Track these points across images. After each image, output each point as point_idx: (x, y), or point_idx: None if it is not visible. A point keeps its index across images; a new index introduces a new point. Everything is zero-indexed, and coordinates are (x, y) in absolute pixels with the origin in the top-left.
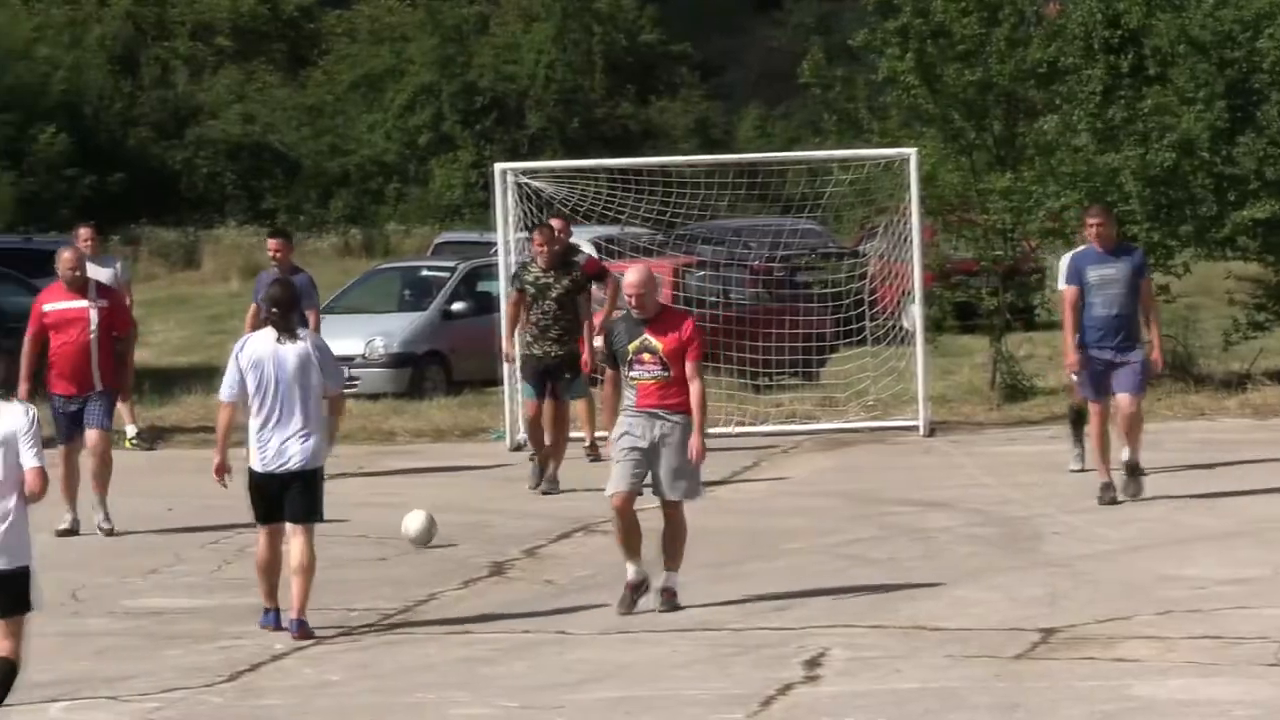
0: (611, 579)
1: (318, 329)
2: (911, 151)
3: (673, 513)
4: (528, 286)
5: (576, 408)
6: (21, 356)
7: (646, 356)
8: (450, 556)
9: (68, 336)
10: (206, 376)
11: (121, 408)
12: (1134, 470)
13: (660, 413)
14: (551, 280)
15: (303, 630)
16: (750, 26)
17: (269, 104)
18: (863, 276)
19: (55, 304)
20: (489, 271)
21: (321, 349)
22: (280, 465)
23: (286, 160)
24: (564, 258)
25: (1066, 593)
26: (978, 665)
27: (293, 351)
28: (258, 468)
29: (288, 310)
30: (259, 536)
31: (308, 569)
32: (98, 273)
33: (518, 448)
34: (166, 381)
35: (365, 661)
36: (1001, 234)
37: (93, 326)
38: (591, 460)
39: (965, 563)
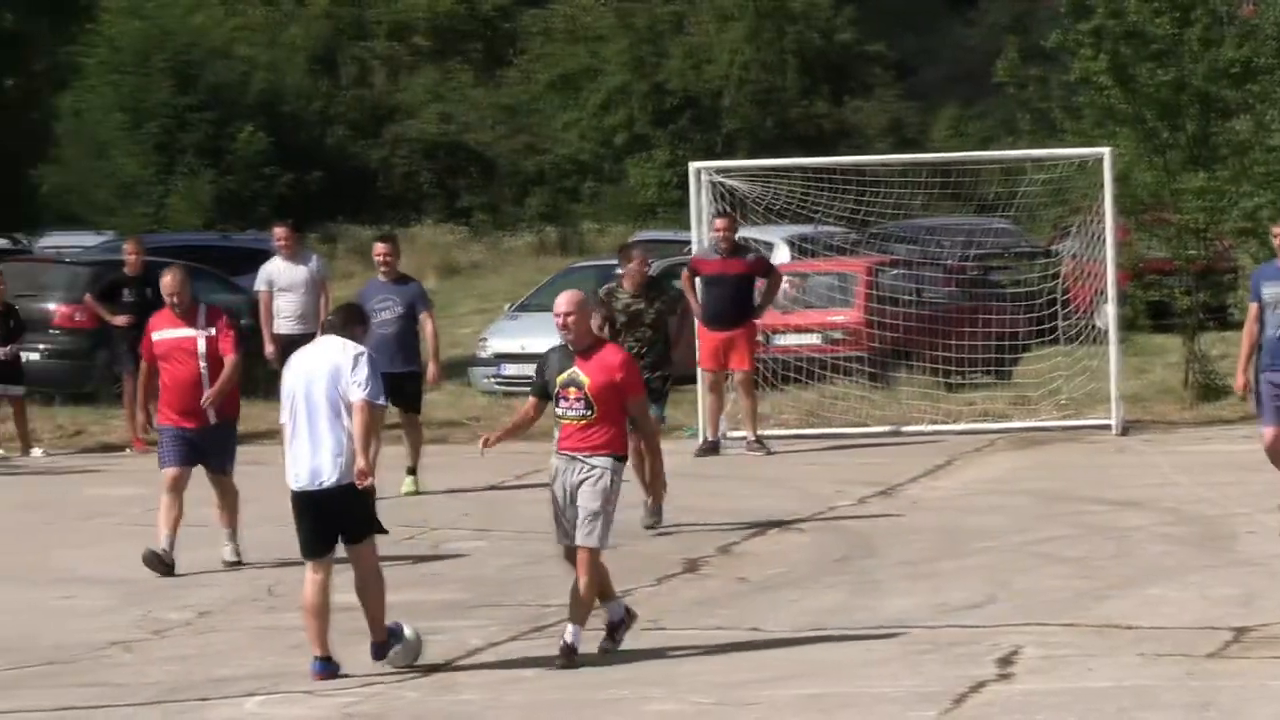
0: (804, 576)
1: (432, 337)
2: (1105, 151)
3: (581, 557)
4: (618, 315)
5: (745, 406)
6: (138, 385)
7: (571, 391)
8: (644, 553)
9: (177, 368)
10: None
11: None
12: None
13: (580, 455)
14: (643, 306)
15: (380, 652)
16: (945, 26)
17: (465, 103)
18: (1056, 276)
19: (164, 332)
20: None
21: (357, 358)
22: (316, 483)
23: (482, 159)
24: (651, 280)
25: (1261, 592)
26: (1170, 664)
27: (326, 364)
28: (293, 486)
29: (343, 326)
30: (305, 573)
31: (369, 588)
32: (294, 270)
33: (704, 451)
34: None
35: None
36: (1195, 233)
37: (201, 358)
38: (764, 454)
39: (1158, 561)
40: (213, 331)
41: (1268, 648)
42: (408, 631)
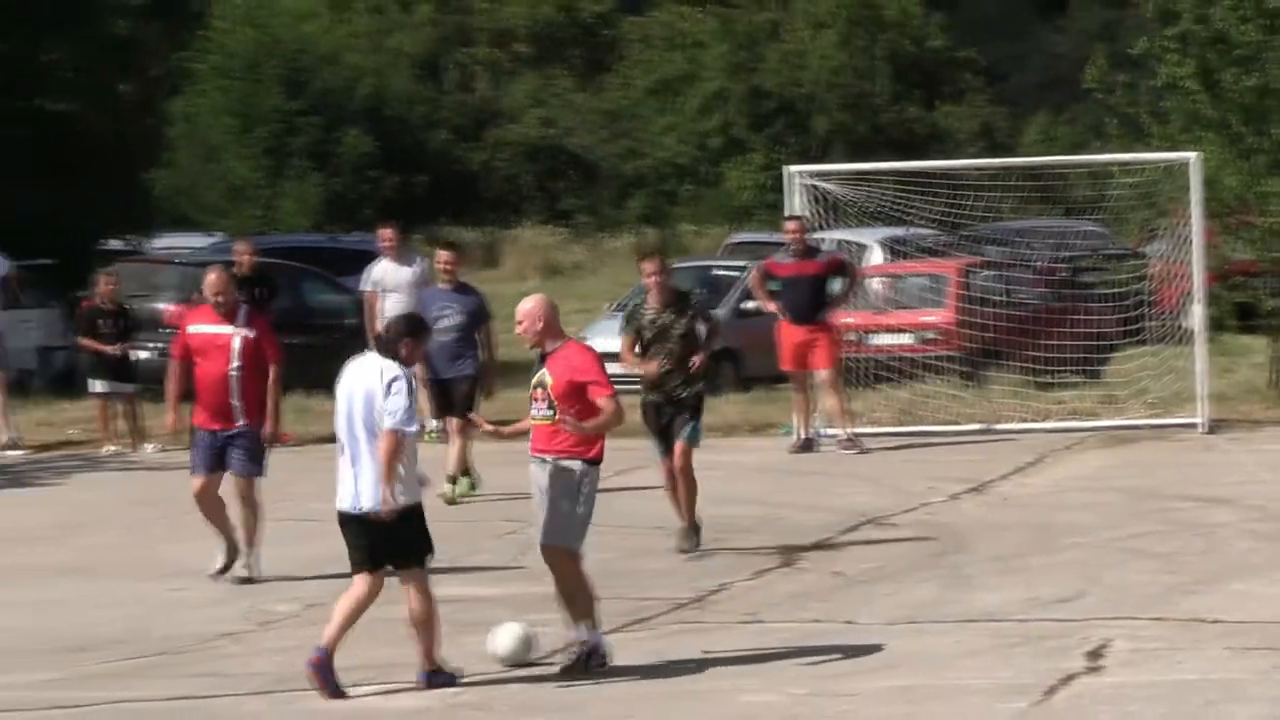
0: (898, 570)
1: (490, 347)
2: (1192, 155)
3: (549, 561)
4: (645, 330)
5: (828, 405)
6: (168, 379)
7: (539, 393)
8: (741, 548)
9: (209, 364)
10: (504, 372)
11: (423, 399)
12: None
13: (547, 458)
14: (671, 320)
15: (432, 681)
16: (1035, 33)
17: (566, 108)
18: (1144, 277)
19: (200, 326)
20: None
21: (392, 383)
22: (355, 507)
23: (583, 163)
24: (679, 293)
25: None
26: (1257, 657)
27: (363, 387)
28: (336, 505)
29: (389, 343)
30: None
31: (424, 619)
32: (399, 272)
33: (800, 448)
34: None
35: (659, 649)
36: None
37: (234, 356)
38: (857, 452)
39: (1245, 558)
40: (251, 333)
41: None
42: (513, 636)
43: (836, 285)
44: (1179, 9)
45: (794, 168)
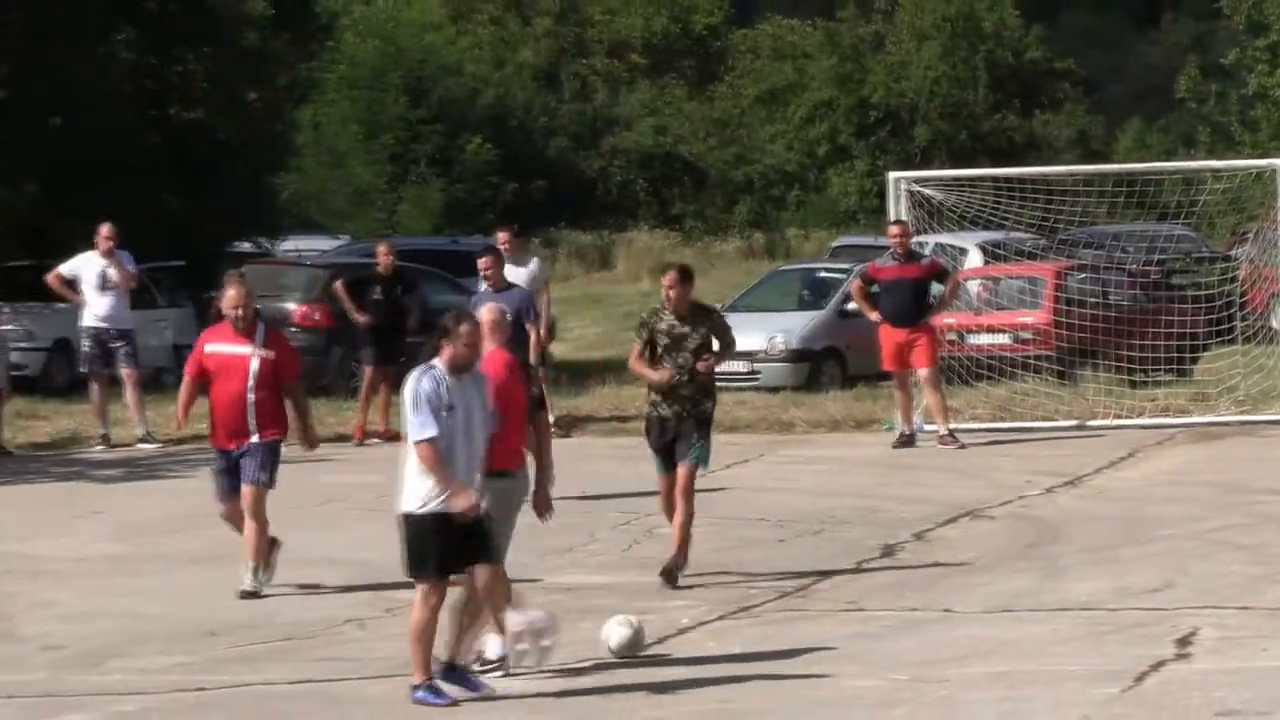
0: (994, 561)
1: (540, 345)
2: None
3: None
4: (660, 336)
5: (929, 402)
6: (181, 395)
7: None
8: (843, 539)
9: (225, 385)
10: (618, 370)
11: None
12: None
13: (491, 475)
14: (688, 330)
15: (447, 674)
16: (1130, 44)
17: (678, 116)
18: (1234, 279)
19: (217, 346)
20: None
21: (406, 392)
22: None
23: (694, 169)
24: (697, 305)
25: None
26: None
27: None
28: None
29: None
30: (429, 594)
31: (472, 605)
32: (516, 273)
33: (901, 443)
34: (580, 374)
35: (765, 635)
36: None
37: (251, 377)
38: (956, 447)
39: None
40: (271, 354)
41: None
42: (626, 630)
43: (936, 289)
44: (1269, 21)
45: (896, 174)
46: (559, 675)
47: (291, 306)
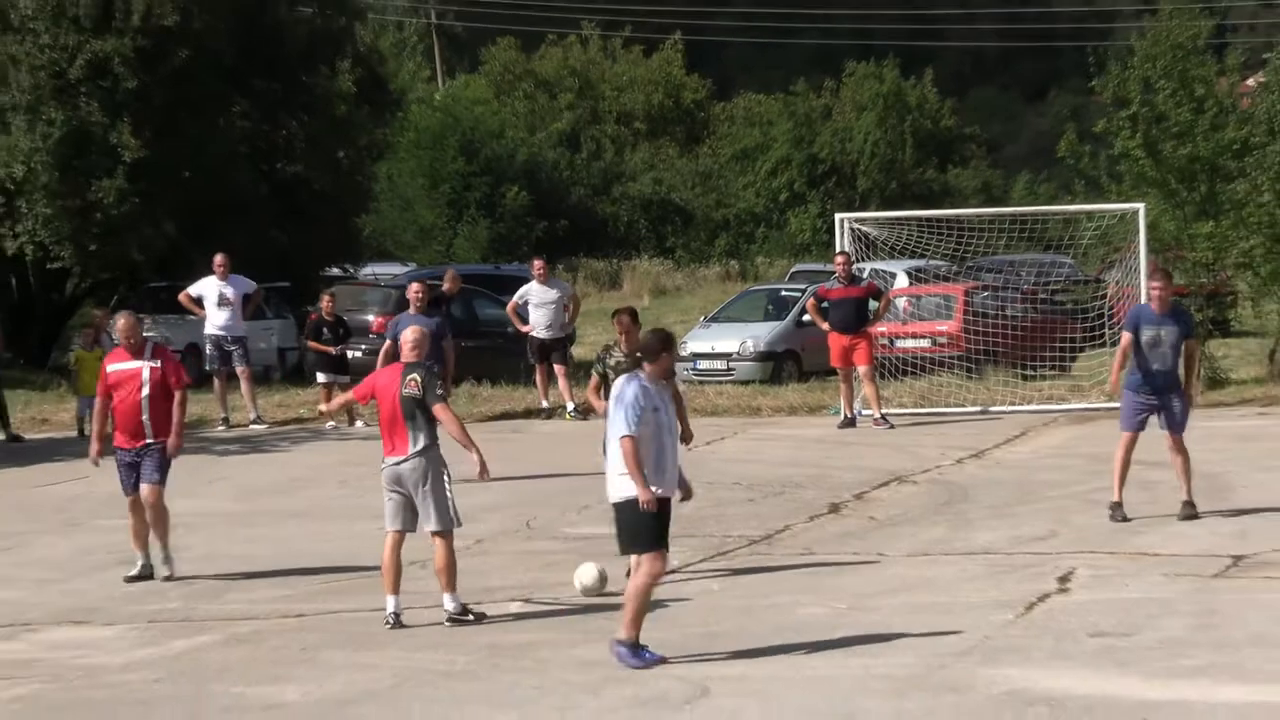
0: (917, 516)
1: (452, 361)
2: (1139, 206)
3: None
4: (611, 373)
5: (866, 392)
6: (96, 412)
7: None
8: (799, 499)
9: (124, 395)
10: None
11: (564, 386)
12: None
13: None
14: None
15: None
16: (1022, 115)
17: (671, 170)
18: (1103, 297)
19: (116, 365)
20: None
21: (614, 395)
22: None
23: (684, 211)
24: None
25: (1252, 529)
26: (1185, 582)
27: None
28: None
29: (648, 356)
30: (653, 560)
31: (629, 594)
32: (545, 292)
33: (844, 425)
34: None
35: (737, 575)
36: (1205, 266)
37: (145, 385)
38: (887, 428)
39: (1177, 506)
40: (158, 364)
41: (1259, 570)
42: (592, 573)
43: (873, 304)
44: (1130, 96)
45: (841, 215)
46: (575, 610)
47: (370, 317)
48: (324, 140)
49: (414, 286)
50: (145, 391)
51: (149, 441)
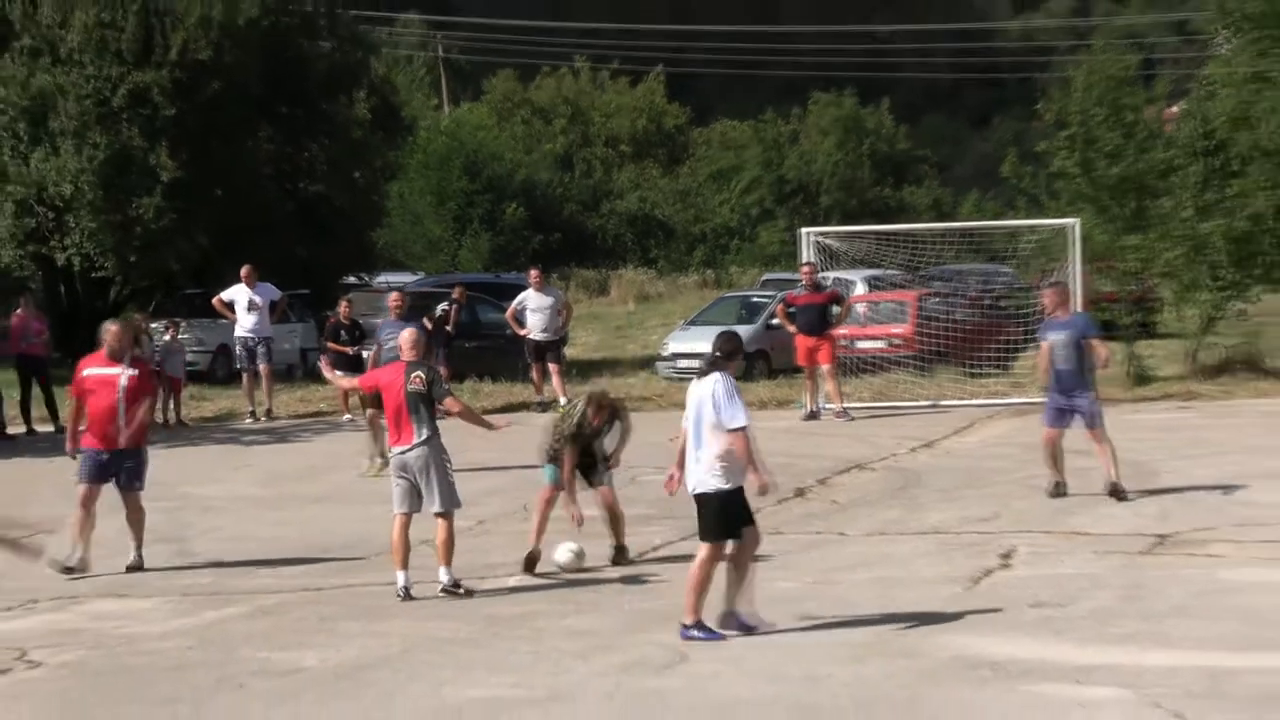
0: (874, 499)
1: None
2: (1075, 221)
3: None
4: (572, 437)
5: (828, 388)
6: (70, 414)
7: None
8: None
9: (100, 399)
10: (611, 366)
11: (557, 383)
12: None
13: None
14: (601, 432)
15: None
16: (969, 139)
17: (655, 189)
18: (1040, 303)
19: (94, 369)
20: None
21: (717, 391)
22: (692, 488)
23: (665, 225)
24: (612, 413)
25: (1173, 511)
26: (1114, 559)
27: (699, 391)
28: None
29: (720, 359)
30: (717, 550)
31: (691, 579)
32: (542, 299)
33: (809, 417)
34: (586, 369)
35: None
36: (1133, 275)
37: (120, 391)
38: (847, 420)
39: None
40: (135, 372)
41: (1179, 548)
42: (570, 551)
43: (834, 309)
44: (1068, 120)
45: (807, 229)
46: (566, 585)
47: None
48: (342, 162)
49: (393, 296)
50: (120, 396)
51: (123, 449)
